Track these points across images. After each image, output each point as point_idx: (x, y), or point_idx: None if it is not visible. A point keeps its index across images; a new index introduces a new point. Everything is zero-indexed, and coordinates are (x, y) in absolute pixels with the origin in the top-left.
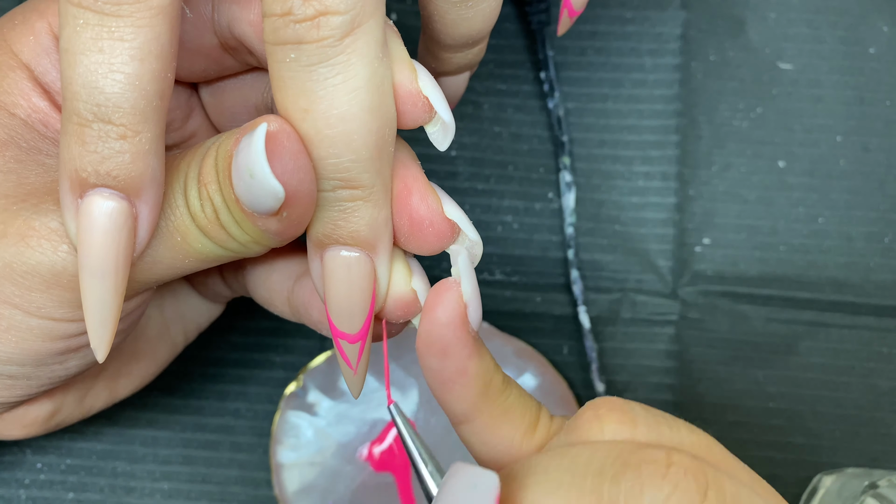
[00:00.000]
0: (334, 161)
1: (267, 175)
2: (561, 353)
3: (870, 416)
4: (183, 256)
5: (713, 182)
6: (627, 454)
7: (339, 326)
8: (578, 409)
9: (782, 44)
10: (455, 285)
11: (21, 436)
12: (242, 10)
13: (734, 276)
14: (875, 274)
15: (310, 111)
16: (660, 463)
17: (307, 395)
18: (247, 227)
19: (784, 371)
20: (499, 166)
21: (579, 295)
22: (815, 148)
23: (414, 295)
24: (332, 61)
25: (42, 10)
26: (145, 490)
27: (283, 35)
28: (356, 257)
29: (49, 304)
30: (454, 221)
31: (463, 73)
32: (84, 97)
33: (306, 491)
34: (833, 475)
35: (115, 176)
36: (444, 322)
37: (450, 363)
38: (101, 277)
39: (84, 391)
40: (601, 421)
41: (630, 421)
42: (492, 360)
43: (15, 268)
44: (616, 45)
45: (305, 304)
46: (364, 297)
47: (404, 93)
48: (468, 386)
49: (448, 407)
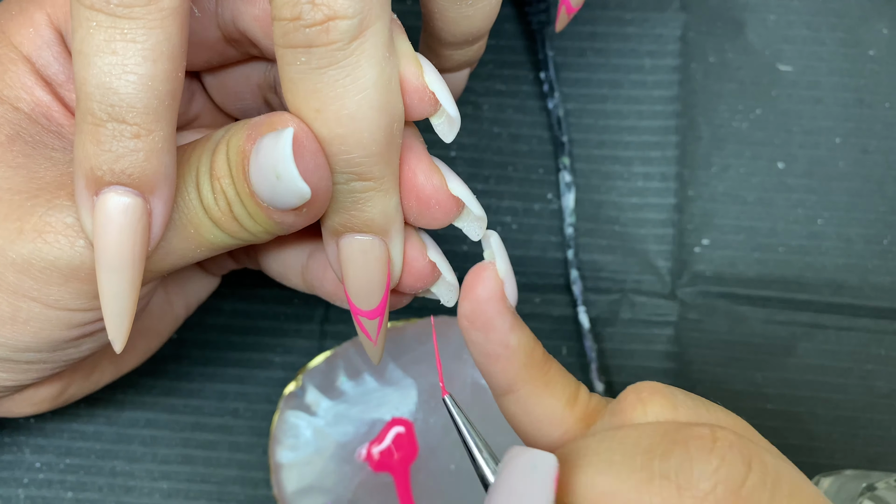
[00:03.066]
0: (346, 157)
1: (295, 177)
2: (560, 354)
3: (868, 417)
4: (195, 246)
5: (712, 183)
6: (674, 432)
7: (359, 305)
8: (620, 393)
9: (782, 45)
10: (491, 265)
11: (32, 412)
12: (246, 4)
13: (733, 277)
14: (873, 276)
15: (321, 112)
16: (706, 438)
17: (306, 395)
18: (260, 220)
19: (782, 372)
20: (498, 167)
21: (579, 295)
22: (814, 150)
23: (432, 265)
24: (342, 64)
25: (39, 1)
26: (144, 490)
27: (294, 39)
28: (371, 242)
29: (67, 297)
30: (458, 197)
31: (463, 69)
32: (98, 97)
33: (305, 491)
34: (831, 477)
35: (129, 174)
36: (485, 298)
37: (493, 336)
38: (118, 272)
39: (91, 368)
40: (644, 404)
41: (671, 404)
42: (531, 334)
43: (34, 263)
44: (616, 46)
45: (319, 278)
46: (380, 277)
47: (411, 88)
48: (512, 358)
49: (493, 379)
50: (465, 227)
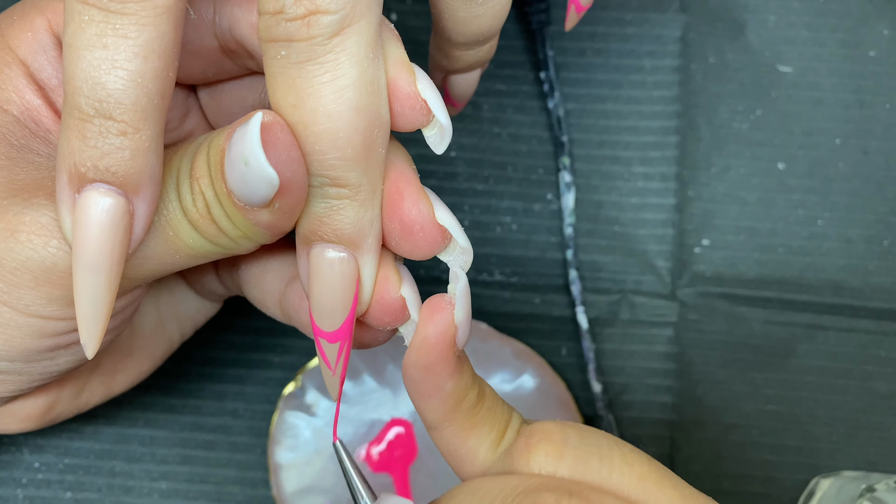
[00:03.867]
0: (320, 158)
1: (262, 162)
2: (559, 355)
3: (867, 419)
4: (174, 252)
5: (712, 183)
6: (524, 495)
7: (320, 324)
8: (519, 433)
9: (782, 46)
10: (449, 306)
11: (18, 430)
12: (244, 12)
13: (733, 277)
14: (874, 277)
15: (297, 107)
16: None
17: (305, 396)
18: (238, 221)
19: (782, 374)
20: (498, 167)
21: (577, 295)
22: (814, 150)
23: (402, 302)
24: (321, 59)
25: (42, 6)
26: (143, 490)
27: (275, 32)
28: (340, 256)
29: (38, 302)
30: (445, 227)
31: (474, 70)
32: (86, 92)
33: (304, 491)
34: (830, 478)
35: (113, 172)
36: (432, 342)
37: (429, 379)
38: (96, 272)
39: (80, 386)
40: (530, 451)
41: (557, 453)
42: (470, 378)
43: (4, 263)
44: (616, 46)
45: (296, 307)
46: (346, 295)
47: (402, 95)
48: (442, 401)
49: (422, 414)
50: (450, 260)
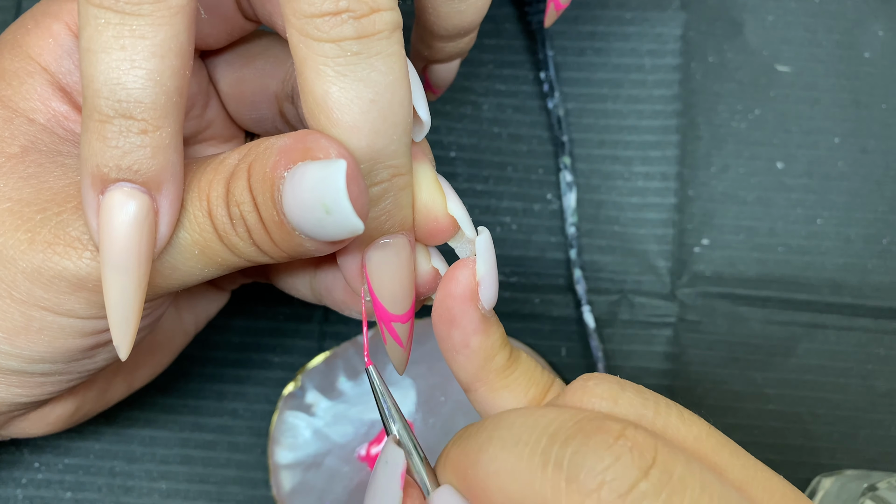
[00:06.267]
0: (394, 148)
1: (348, 214)
2: (559, 355)
3: (868, 417)
4: (202, 266)
5: (712, 183)
6: (587, 421)
7: (394, 311)
8: (571, 384)
9: (780, 46)
10: (471, 263)
11: (45, 433)
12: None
13: (732, 277)
14: (873, 276)
15: (376, 101)
16: (611, 433)
17: (305, 396)
18: (286, 247)
19: (782, 373)
20: (498, 167)
21: (583, 295)
22: (813, 150)
23: (436, 272)
24: (388, 52)
25: (55, 12)
26: (143, 490)
27: (341, 31)
28: (403, 241)
29: (77, 306)
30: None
31: (454, 60)
32: (105, 94)
33: (304, 491)
34: (832, 477)
35: (136, 170)
36: (455, 295)
37: (455, 334)
38: (124, 272)
39: (105, 387)
40: (586, 392)
41: (613, 396)
42: (499, 339)
43: (43, 273)
44: (616, 45)
45: (328, 288)
46: (412, 277)
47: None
48: (469, 357)
49: (455, 374)
50: (458, 247)
